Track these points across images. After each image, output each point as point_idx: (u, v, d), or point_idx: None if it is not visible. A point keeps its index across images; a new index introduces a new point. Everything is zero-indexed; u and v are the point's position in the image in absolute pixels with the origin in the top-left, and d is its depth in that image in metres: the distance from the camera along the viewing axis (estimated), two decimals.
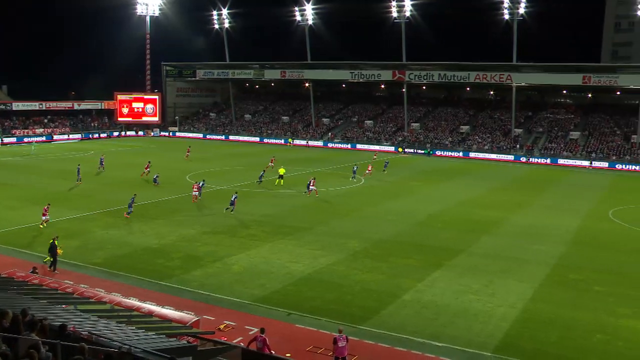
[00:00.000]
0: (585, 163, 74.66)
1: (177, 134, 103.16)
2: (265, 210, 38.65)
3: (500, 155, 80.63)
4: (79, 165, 51.20)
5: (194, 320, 17.01)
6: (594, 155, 77.13)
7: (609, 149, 78.39)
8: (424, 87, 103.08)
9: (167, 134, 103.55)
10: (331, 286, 24.07)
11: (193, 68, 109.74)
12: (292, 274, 25.52)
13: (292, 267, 26.38)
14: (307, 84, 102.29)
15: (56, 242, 25.35)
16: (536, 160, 78.11)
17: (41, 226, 31.82)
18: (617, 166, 72.96)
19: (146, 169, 51.72)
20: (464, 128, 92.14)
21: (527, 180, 59.25)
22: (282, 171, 49.63)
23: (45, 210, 32.42)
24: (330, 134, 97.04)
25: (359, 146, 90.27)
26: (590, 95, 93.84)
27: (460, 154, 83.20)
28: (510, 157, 79.68)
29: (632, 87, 78.03)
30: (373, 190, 48.85)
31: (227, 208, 37.04)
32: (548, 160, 77.44)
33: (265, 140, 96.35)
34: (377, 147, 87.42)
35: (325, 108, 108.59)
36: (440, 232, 34.38)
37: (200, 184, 42.96)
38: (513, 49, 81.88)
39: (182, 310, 17.91)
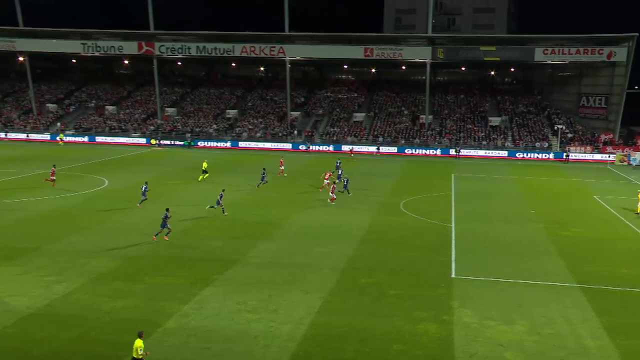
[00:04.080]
0: (373, 149, 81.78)
1: None
2: None
3: (276, 144, 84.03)
4: None
5: None
6: (381, 139, 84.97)
7: (397, 132, 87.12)
8: (180, 63, 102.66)
9: None
10: (71, 321, 22.75)
11: None
12: (13, 311, 23.55)
13: (13, 303, 24.43)
14: (21, 58, 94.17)
15: None
16: (317, 147, 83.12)
17: None
18: (406, 151, 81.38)
19: None
20: (231, 112, 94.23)
21: (308, 172, 62.47)
22: (205, 165, 54.46)
23: None
24: (59, 124, 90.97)
25: (99, 139, 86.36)
26: (374, 70, 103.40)
27: (228, 144, 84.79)
28: (288, 146, 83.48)
29: (417, 60, 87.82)
30: (120, 194, 47.40)
31: (212, 206, 40.40)
32: (331, 148, 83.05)
33: None
34: (125, 139, 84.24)
35: (50, 90, 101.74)
36: (208, 240, 34.47)
37: None
38: (285, 16, 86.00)
39: None
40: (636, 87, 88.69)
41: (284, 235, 36.20)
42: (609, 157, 77.97)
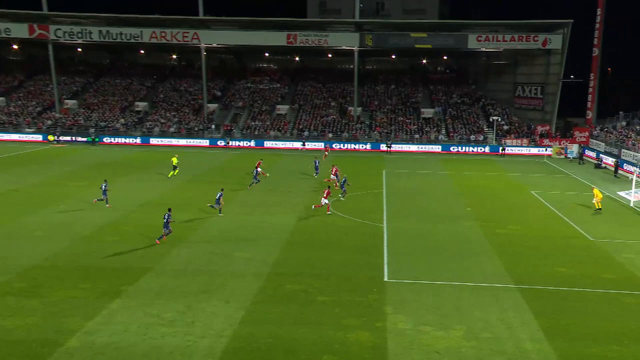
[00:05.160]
0: (298, 144, 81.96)
1: None
2: None
3: (192, 140, 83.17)
4: None
5: None
6: (306, 133, 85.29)
7: (323, 125, 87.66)
8: (80, 50, 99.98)
9: None
10: None
11: None
12: None
13: None
14: None
15: None
16: (237, 143, 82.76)
17: None
18: (334, 146, 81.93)
19: None
20: (141, 105, 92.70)
21: (227, 170, 62.15)
22: (175, 160, 56.63)
23: None
24: None
25: None
26: (298, 58, 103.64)
27: (138, 140, 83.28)
28: (205, 142, 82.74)
29: (344, 47, 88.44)
30: (12, 198, 46.13)
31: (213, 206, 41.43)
32: (252, 143, 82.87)
33: None
34: (18, 136, 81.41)
35: None
36: (115, 247, 33.88)
37: None
38: None
39: None
40: (572, 77, 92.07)
41: (202, 239, 35.87)
42: (546, 150, 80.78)
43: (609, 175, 64.08)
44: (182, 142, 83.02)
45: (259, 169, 53.77)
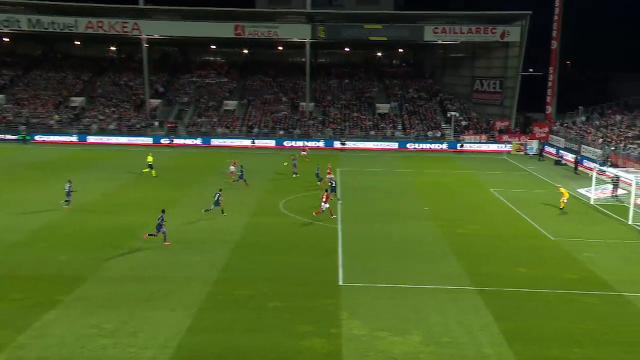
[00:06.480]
0: (247, 142, 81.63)
1: None
2: None
3: (134, 138, 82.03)
4: None
5: None
6: (256, 130, 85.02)
7: (274, 122, 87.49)
8: (7, 39, 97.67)
9: None
10: None
11: None
12: None
13: None
14: None
15: None
16: (183, 141, 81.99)
17: None
18: (285, 143, 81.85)
19: None
20: (77, 100, 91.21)
21: (173, 169, 61.62)
22: (150, 159, 57.13)
23: None
24: None
25: None
26: (246, 51, 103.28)
27: (75, 138, 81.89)
28: (149, 140, 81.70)
29: (295, 39, 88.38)
30: None
31: (208, 209, 41.83)
32: (199, 141, 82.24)
33: None
34: None
35: None
36: (50, 254, 33.30)
37: None
38: None
39: None
40: (531, 70, 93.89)
41: (146, 243, 35.32)
42: (505, 146, 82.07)
43: (569, 172, 65.39)
44: (123, 140, 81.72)
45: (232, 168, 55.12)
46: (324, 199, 42.12)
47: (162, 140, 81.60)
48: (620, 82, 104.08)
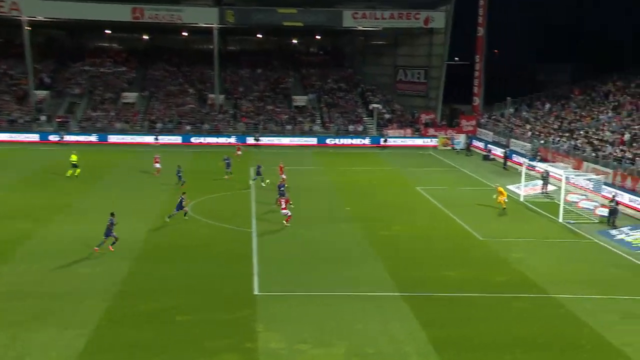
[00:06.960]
0: (150, 138, 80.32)
1: None
2: None
3: (17, 135, 79.30)
4: None
5: None
6: (159, 125, 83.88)
7: (180, 116, 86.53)
8: None
9: None
10: None
11: None
12: None
13: None
14: None
15: None
16: (75, 137, 79.99)
17: None
18: (192, 140, 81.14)
19: None
20: None
21: (65, 170, 60.19)
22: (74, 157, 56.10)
23: None
24: None
25: None
26: (146, 37, 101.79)
27: None
28: (35, 137, 79.39)
29: (201, 24, 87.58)
30: None
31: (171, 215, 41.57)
32: (94, 138, 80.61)
33: None
34: None
35: None
36: None
37: None
38: None
39: None
40: (457, 59, 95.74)
41: (32, 254, 34.62)
42: (432, 140, 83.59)
43: (499, 167, 67.27)
44: (4, 136, 78.88)
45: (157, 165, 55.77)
46: (283, 205, 41.99)
47: (51, 137, 79.27)
48: (548, 72, 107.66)
